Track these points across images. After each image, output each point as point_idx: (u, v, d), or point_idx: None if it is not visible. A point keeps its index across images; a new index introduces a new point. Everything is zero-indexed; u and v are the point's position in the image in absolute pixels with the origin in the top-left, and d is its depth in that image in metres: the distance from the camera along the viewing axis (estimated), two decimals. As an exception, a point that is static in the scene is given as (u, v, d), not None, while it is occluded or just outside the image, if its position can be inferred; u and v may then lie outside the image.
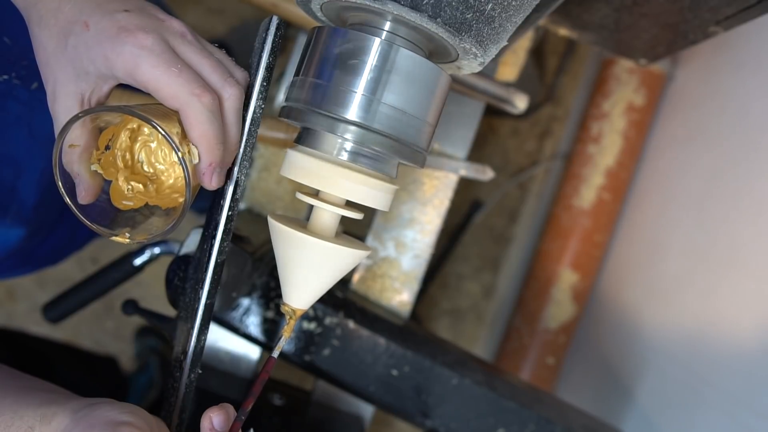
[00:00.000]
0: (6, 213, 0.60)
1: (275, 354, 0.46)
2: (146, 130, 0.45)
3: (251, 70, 0.44)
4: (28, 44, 0.42)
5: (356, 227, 0.66)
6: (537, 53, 1.51)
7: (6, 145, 0.58)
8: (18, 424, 0.40)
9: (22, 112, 0.58)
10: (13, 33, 0.56)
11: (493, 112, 0.91)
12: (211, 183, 0.42)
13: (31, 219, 0.63)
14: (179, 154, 0.39)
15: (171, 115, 0.41)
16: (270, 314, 0.66)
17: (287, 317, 0.47)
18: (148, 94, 0.41)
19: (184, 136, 0.40)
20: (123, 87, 0.47)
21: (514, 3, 0.40)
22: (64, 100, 0.41)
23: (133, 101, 0.48)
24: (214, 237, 0.46)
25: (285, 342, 0.47)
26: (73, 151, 0.41)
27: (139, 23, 0.39)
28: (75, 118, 0.39)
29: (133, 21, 0.39)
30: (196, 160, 0.41)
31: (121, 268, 0.68)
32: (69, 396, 0.43)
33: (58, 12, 0.40)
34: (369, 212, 0.52)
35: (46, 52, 0.41)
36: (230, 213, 0.45)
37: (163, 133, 0.38)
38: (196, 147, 0.41)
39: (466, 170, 0.79)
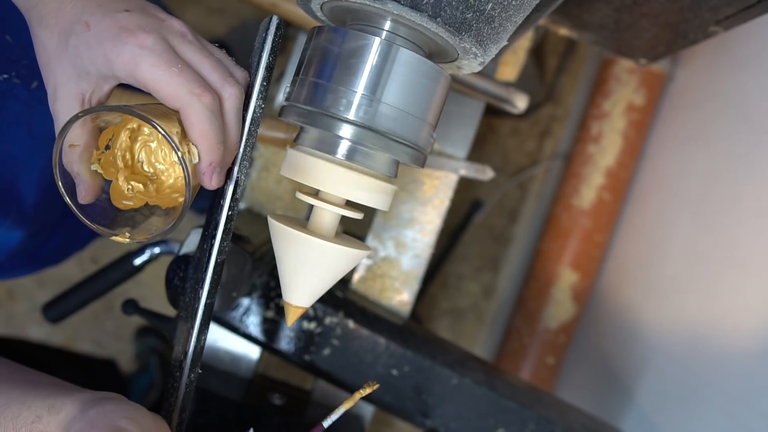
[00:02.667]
0: (7, 214, 0.60)
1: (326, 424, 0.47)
2: (146, 129, 0.45)
3: (251, 70, 0.44)
4: (29, 43, 0.42)
5: (356, 227, 0.66)
6: (537, 53, 1.51)
7: (6, 144, 0.58)
8: (26, 414, 0.40)
9: (22, 111, 0.58)
10: (15, 31, 0.56)
11: (493, 112, 0.91)
12: (211, 183, 0.42)
13: (31, 219, 0.63)
14: (179, 153, 0.39)
15: (171, 114, 0.41)
16: (270, 314, 0.66)
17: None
18: (148, 95, 0.41)
19: (184, 135, 0.40)
20: (123, 87, 0.47)
21: (514, 3, 0.40)
22: (65, 100, 0.41)
23: (133, 101, 0.48)
24: (214, 237, 0.46)
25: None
26: (73, 151, 0.41)
27: (139, 23, 0.39)
28: (75, 118, 0.39)
29: (133, 21, 0.39)
30: (195, 160, 0.41)
31: (121, 268, 0.68)
32: (77, 388, 0.43)
33: (59, 12, 0.40)
34: (369, 212, 0.52)
35: (47, 52, 0.41)
36: (230, 213, 0.45)
37: (162, 132, 0.38)
38: (196, 146, 0.41)
39: (466, 170, 0.79)
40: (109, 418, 0.38)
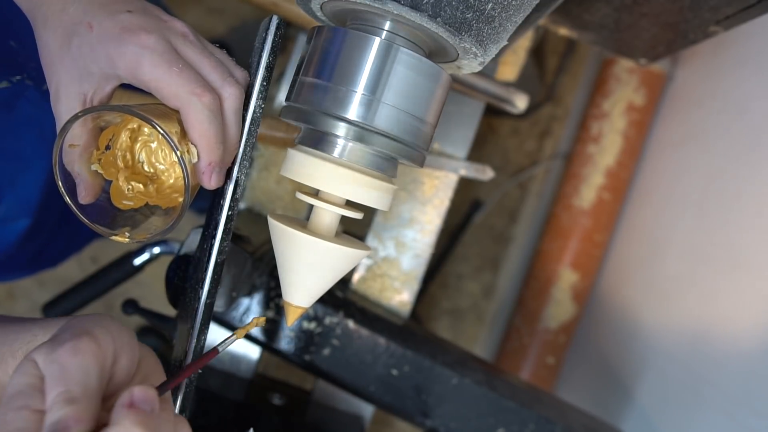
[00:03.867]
0: (10, 207, 0.61)
1: (221, 348, 0.44)
2: (146, 129, 0.45)
3: (251, 70, 0.44)
4: (36, 46, 0.42)
5: (356, 227, 0.66)
6: (537, 53, 1.51)
7: (15, 141, 0.59)
8: (22, 337, 0.40)
9: (33, 113, 0.58)
10: (21, 36, 0.56)
11: (493, 112, 0.91)
12: (211, 182, 0.42)
13: (34, 216, 0.64)
14: (178, 153, 0.39)
15: (171, 114, 0.41)
16: (270, 314, 0.66)
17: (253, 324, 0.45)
18: (150, 95, 0.41)
19: (183, 135, 0.40)
20: (125, 87, 0.47)
21: (514, 2, 0.40)
22: (67, 101, 0.41)
23: (134, 101, 0.48)
24: (214, 237, 0.46)
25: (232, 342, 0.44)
26: (74, 151, 0.41)
27: (141, 23, 0.40)
28: (75, 117, 0.39)
29: (135, 21, 0.40)
30: (195, 160, 0.41)
31: (121, 268, 0.69)
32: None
33: (62, 13, 0.40)
34: (369, 212, 0.52)
35: (50, 53, 0.41)
36: (230, 213, 0.45)
37: (161, 131, 0.38)
38: (196, 146, 0.41)
39: (466, 170, 0.79)
40: (84, 324, 0.37)
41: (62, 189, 0.41)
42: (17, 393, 0.33)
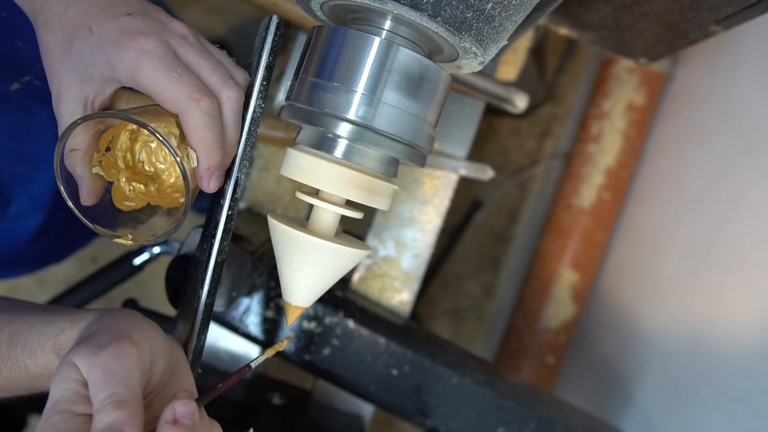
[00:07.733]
0: (8, 205, 0.61)
1: (253, 365, 0.46)
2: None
3: (251, 70, 0.44)
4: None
5: (356, 226, 0.66)
6: (537, 52, 1.51)
7: (30, 143, 0.59)
8: (50, 330, 0.41)
9: (50, 115, 0.59)
10: (27, 36, 0.57)
11: (493, 112, 0.91)
12: (210, 186, 0.42)
13: (45, 214, 0.64)
14: (177, 158, 0.39)
15: (171, 117, 0.40)
16: (270, 314, 0.66)
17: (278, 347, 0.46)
18: None
19: (183, 138, 0.40)
20: (127, 87, 0.47)
21: (514, 2, 0.40)
22: (68, 103, 0.41)
23: (134, 100, 0.48)
24: (214, 236, 0.46)
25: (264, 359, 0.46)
26: (75, 155, 0.41)
27: (141, 27, 0.40)
28: (74, 124, 0.39)
29: (135, 25, 0.39)
30: (194, 164, 0.41)
31: (121, 268, 0.69)
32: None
33: (63, 16, 0.40)
34: (369, 211, 0.52)
35: (52, 56, 0.41)
36: (230, 212, 0.45)
37: (161, 138, 0.38)
38: (195, 151, 0.41)
39: (466, 170, 0.79)
40: (121, 327, 0.38)
41: (64, 193, 0.41)
42: (60, 398, 0.34)
